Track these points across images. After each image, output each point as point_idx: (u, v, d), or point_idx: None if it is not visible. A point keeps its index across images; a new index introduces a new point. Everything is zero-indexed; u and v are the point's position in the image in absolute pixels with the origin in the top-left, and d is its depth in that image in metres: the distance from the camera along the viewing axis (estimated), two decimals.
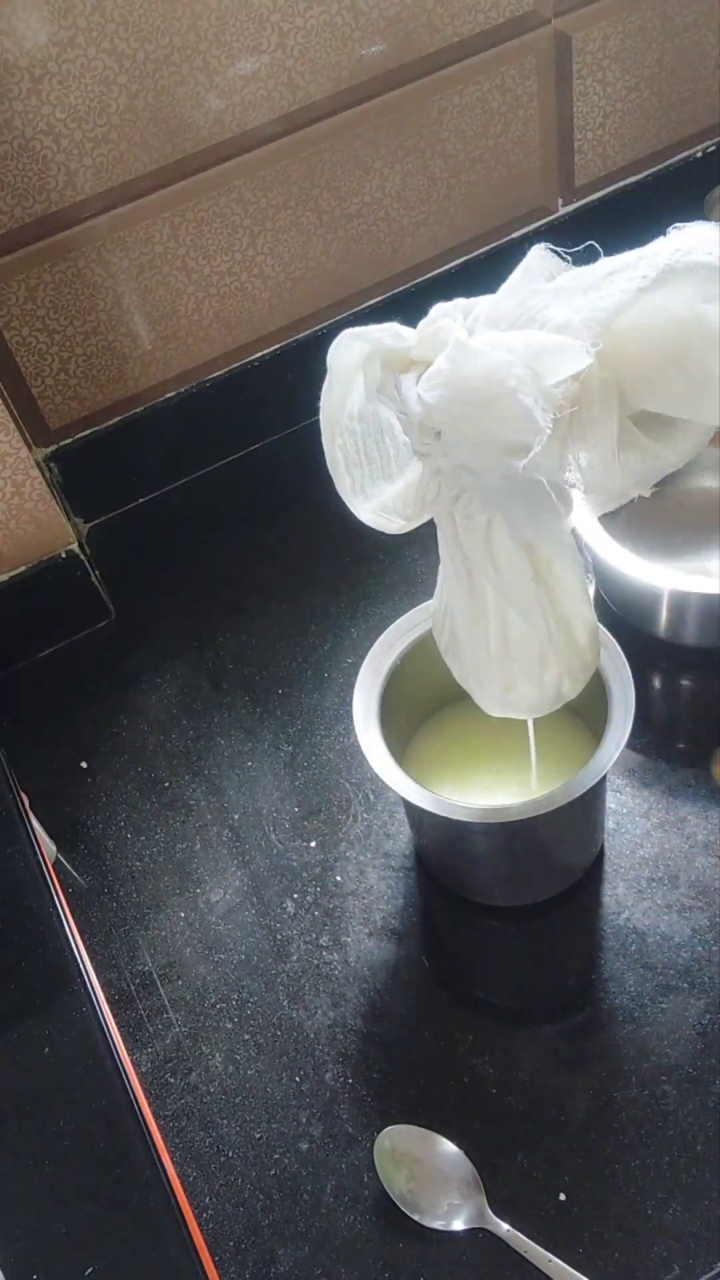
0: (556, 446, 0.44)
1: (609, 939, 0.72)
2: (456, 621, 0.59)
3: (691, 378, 0.44)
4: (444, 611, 0.61)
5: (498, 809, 0.64)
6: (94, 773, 0.85)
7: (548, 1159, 0.64)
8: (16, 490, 0.82)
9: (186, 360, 0.90)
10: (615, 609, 0.84)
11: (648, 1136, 0.64)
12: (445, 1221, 0.62)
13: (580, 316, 0.44)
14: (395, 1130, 0.65)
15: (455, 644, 0.61)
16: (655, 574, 0.77)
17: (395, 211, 0.90)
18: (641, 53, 0.92)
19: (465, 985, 0.73)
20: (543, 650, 0.57)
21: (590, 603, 0.59)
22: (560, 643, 0.57)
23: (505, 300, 0.47)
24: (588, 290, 0.45)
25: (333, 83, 0.81)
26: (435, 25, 0.82)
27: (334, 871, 0.77)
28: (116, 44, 0.72)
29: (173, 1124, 0.69)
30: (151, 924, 0.77)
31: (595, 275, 0.45)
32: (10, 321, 0.81)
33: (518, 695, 0.60)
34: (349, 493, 0.54)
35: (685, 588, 0.77)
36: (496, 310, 0.47)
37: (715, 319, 0.43)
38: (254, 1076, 0.69)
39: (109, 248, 0.81)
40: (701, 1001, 0.68)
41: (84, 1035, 0.62)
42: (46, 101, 0.73)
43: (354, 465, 0.53)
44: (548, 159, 0.94)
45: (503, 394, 0.43)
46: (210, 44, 0.75)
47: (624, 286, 0.43)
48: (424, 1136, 0.65)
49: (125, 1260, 0.55)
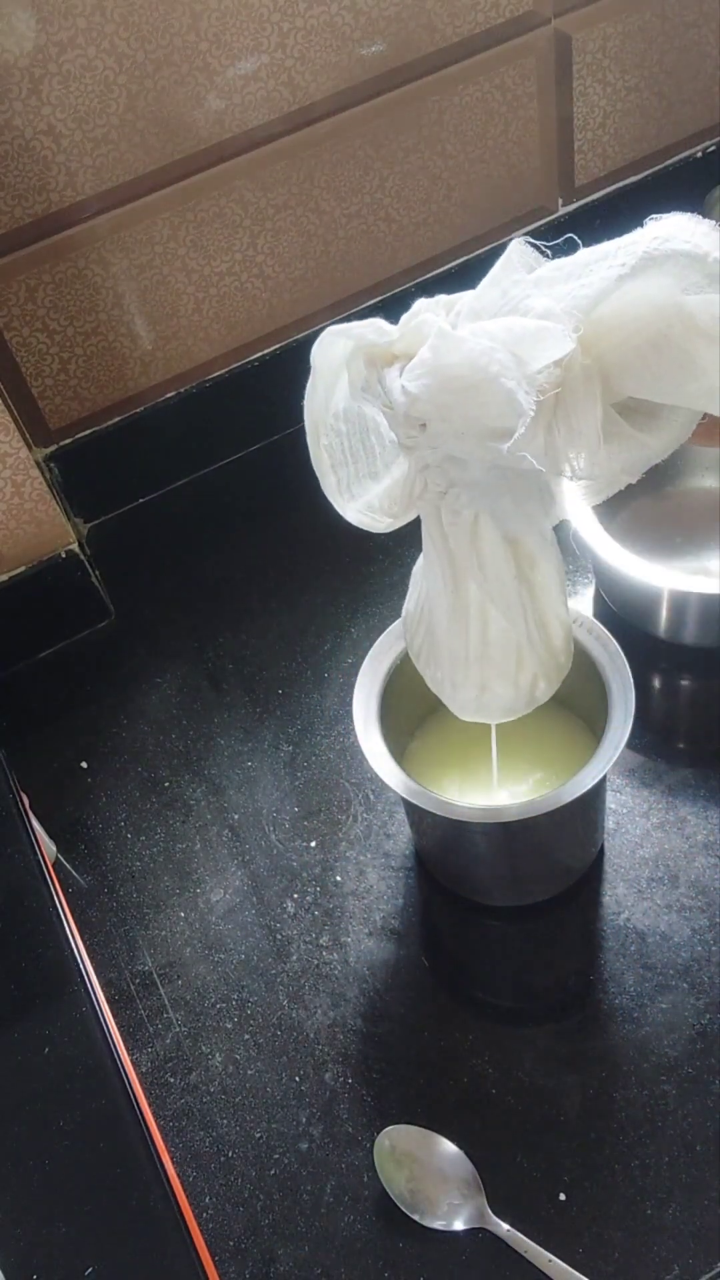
0: (541, 432, 0.44)
1: (609, 939, 0.72)
2: (436, 622, 0.59)
3: (672, 362, 0.44)
4: (420, 612, 0.60)
5: (498, 809, 0.64)
6: (94, 773, 0.85)
7: (547, 1159, 0.64)
8: (16, 490, 0.83)
9: (187, 360, 0.90)
10: (615, 609, 0.84)
11: (647, 1136, 0.64)
12: (445, 1221, 0.62)
13: (562, 305, 0.44)
14: (395, 1130, 0.65)
15: (432, 646, 0.60)
16: (655, 574, 0.77)
17: (395, 212, 0.90)
18: (641, 53, 0.92)
19: (465, 985, 0.73)
20: (520, 650, 0.57)
21: (566, 604, 0.59)
22: (537, 643, 0.57)
23: (487, 293, 0.47)
24: (569, 279, 0.45)
25: (333, 83, 0.81)
26: (435, 25, 0.82)
27: (334, 871, 0.77)
28: (116, 44, 0.72)
29: (173, 1124, 0.69)
30: (151, 924, 0.77)
31: (575, 265, 0.45)
32: (10, 322, 0.81)
33: (491, 697, 0.59)
34: (334, 492, 0.54)
35: (685, 588, 0.77)
36: (479, 303, 0.47)
37: (693, 305, 0.44)
38: (254, 1076, 0.70)
39: (109, 248, 0.81)
40: (701, 1001, 0.68)
41: (84, 1035, 0.62)
42: (47, 102, 0.73)
43: (339, 465, 0.53)
44: (547, 159, 0.94)
45: (486, 379, 0.43)
46: (210, 44, 0.75)
47: (604, 275, 0.44)
48: (424, 1136, 0.65)
49: (125, 1260, 0.55)
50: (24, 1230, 0.56)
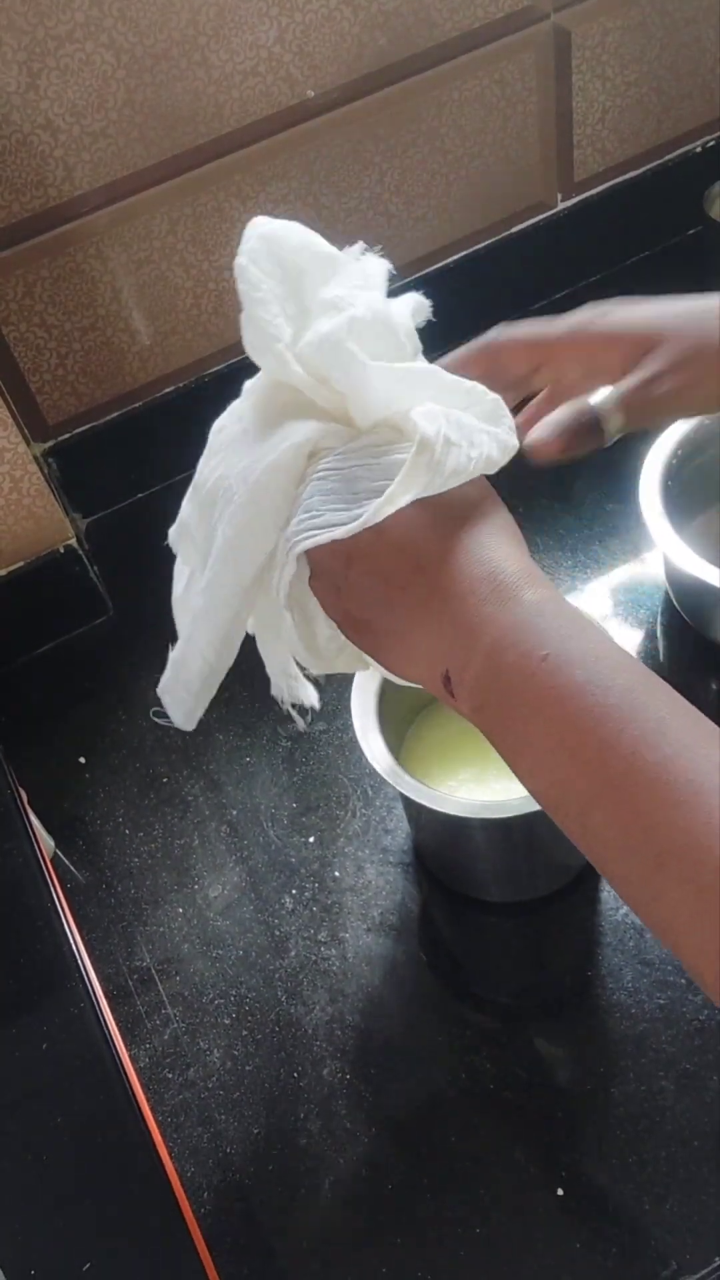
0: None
1: (607, 935, 0.72)
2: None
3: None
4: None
5: (496, 805, 0.64)
6: (92, 768, 0.85)
7: (545, 1154, 0.65)
8: (15, 486, 0.82)
9: (185, 355, 0.90)
10: (686, 617, 0.82)
11: (645, 1132, 0.64)
12: None
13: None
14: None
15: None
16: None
17: (394, 206, 0.90)
18: (641, 48, 0.92)
19: (463, 981, 0.73)
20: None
21: None
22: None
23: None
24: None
25: (331, 77, 0.81)
26: (434, 20, 0.82)
27: (332, 867, 0.77)
28: (115, 38, 0.72)
29: (171, 1119, 0.69)
30: (150, 920, 0.77)
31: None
32: (8, 317, 0.81)
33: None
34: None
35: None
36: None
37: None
38: (252, 1072, 0.70)
39: (107, 243, 0.80)
40: (699, 997, 0.68)
41: (82, 1031, 0.62)
42: (45, 96, 0.72)
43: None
44: (547, 154, 0.94)
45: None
46: (209, 38, 0.75)
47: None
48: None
49: (124, 1256, 0.55)
50: (22, 1226, 0.56)
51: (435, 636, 0.42)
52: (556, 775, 0.38)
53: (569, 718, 0.38)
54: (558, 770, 0.38)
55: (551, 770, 0.39)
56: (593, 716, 0.37)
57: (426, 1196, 0.64)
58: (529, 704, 0.39)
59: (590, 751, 0.37)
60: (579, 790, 0.38)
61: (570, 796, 0.38)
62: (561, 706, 0.38)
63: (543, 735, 0.39)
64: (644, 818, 0.36)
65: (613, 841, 0.37)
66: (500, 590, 0.41)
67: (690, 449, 0.80)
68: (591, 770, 0.37)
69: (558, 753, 0.38)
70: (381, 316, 0.46)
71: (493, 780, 0.73)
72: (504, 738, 0.41)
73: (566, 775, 0.38)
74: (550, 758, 0.38)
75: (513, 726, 0.40)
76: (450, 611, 0.42)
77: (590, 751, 0.37)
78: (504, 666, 0.40)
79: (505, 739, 0.41)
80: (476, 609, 0.41)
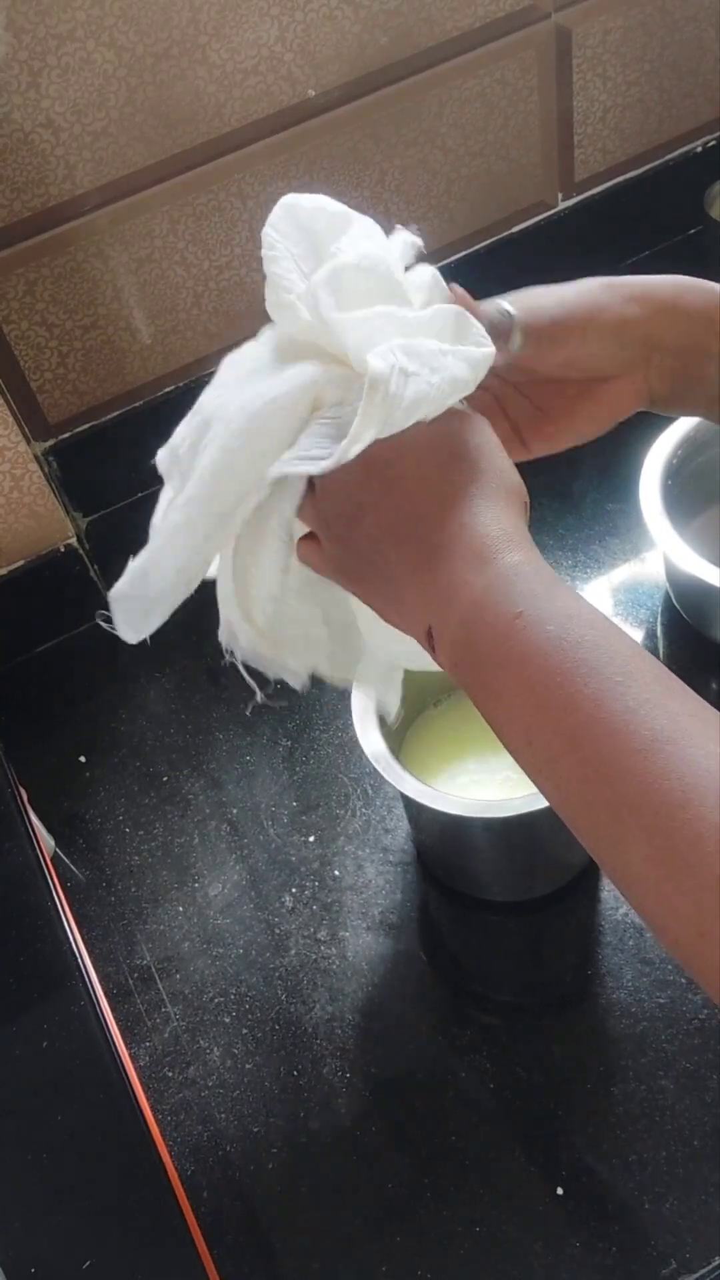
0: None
1: (607, 934, 0.72)
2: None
3: None
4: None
5: (496, 804, 0.64)
6: (92, 767, 0.85)
7: (545, 1153, 0.65)
8: (15, 485, 0.82)
9: (186, 354, 0.90)
10: (686, 617, 0.82)
11: (645, 1131, 0.64)
12: None
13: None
14: None
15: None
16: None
17: (395, 205, 0.90)
18: (642, 47, 0.92)
19: (463, 980, 0.73)
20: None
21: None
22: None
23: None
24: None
25: (332, 77, 0.81)
26: (435, 19, 0.82)
27: (332, 866, 0.77)
28: (116, 37, 0.72)
29: (171, 1118, 0.69)
30: (150, 918, 0.77)
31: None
32: (9, 316, 0.81)
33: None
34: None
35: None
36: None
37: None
38: (252, 1070, 0.70)
39: (108, 242, 0.80)
40: (699, 997, 0.68)
41: (82, 1029, 0.63)
42: (46, 95, 0.72)
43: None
44: (548, 153, 0.94)
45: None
46: (210, 37, 0.75)
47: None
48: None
49: (124, 1254, 0.55)
50: (22, 1224, 0.57)
51: (421, 593, 0.44)
52: (526, 726, 0.40)
53: (538, 671, 0.39)
54: (527, 721, 0.39)
55: (522, 721, 0.40)
56: (561, 670, 0.38)
57: (426, 1196, 0.64)
58: (501, 659, 0.40)
59: (557, 703, 0.38)
60: (546, 741, 0.39)
61: (539, 747, 0.39)
62: (531, 661, 0.39)
63: (514, 689, 0.40)
64: (606, 768, 0.37)
65: (575, 792, 0.38)
66: (482, 554, 0.42)
67: (690, 449, 0.80)
68: (557, 720, 0.38)
69: (527, 705, 0.39)
70: (371, 263, 0.47)
71: (493, 780, 0.73)
72: (480, 692, 0.42)
73: (535, 725, 0.39)
74: (521, 710, 0.40)
75: (488, 681, 0.41)
76: (434, 571, 0.43)
77: (557, 703, 0.38)
78: (480, 625, 0.41)
79: (481, 693, 0.42)
80: (460, 572, 0.42)
